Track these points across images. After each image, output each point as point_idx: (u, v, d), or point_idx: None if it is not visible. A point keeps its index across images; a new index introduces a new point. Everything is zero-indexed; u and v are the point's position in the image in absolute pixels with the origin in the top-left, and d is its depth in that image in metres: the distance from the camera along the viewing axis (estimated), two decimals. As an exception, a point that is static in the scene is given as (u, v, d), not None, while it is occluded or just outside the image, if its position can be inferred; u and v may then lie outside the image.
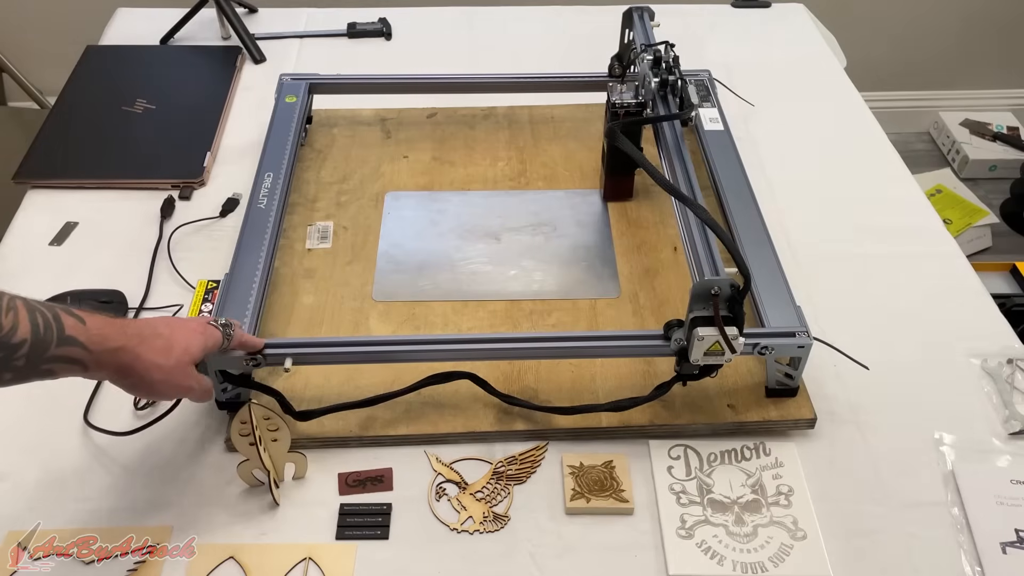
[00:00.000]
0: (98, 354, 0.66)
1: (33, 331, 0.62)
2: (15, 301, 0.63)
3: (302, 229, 1.08)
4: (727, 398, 0.89)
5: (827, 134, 1.27)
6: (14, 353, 0.62)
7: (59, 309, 0.65)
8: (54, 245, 1.06)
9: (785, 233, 1.08)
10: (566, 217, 1.11)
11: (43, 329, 0.63)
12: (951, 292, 1.03)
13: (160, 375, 0.70)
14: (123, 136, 1.22)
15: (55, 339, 0.64)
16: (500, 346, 0.87)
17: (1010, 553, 0.78)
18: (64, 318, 0.65)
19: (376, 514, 0.80)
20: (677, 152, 1.01)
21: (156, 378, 0.70)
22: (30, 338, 0.62)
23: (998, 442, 0.87)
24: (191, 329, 0.74)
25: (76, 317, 0.66)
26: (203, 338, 0.74)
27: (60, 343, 0.64)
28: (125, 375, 0.69)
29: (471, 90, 1.25)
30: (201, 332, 0.74)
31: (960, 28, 2.38)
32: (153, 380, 0.70)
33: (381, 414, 0.87)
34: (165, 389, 0.73)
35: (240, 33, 1.41)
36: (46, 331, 0.63)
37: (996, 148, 2.45)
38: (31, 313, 0.63)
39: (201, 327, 0.75)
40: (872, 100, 1.36)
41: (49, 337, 0.63)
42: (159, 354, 0.70)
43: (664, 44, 1.09)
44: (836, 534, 0.79)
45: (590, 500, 0.81)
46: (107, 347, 0.67)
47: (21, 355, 0.62)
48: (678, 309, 0.97)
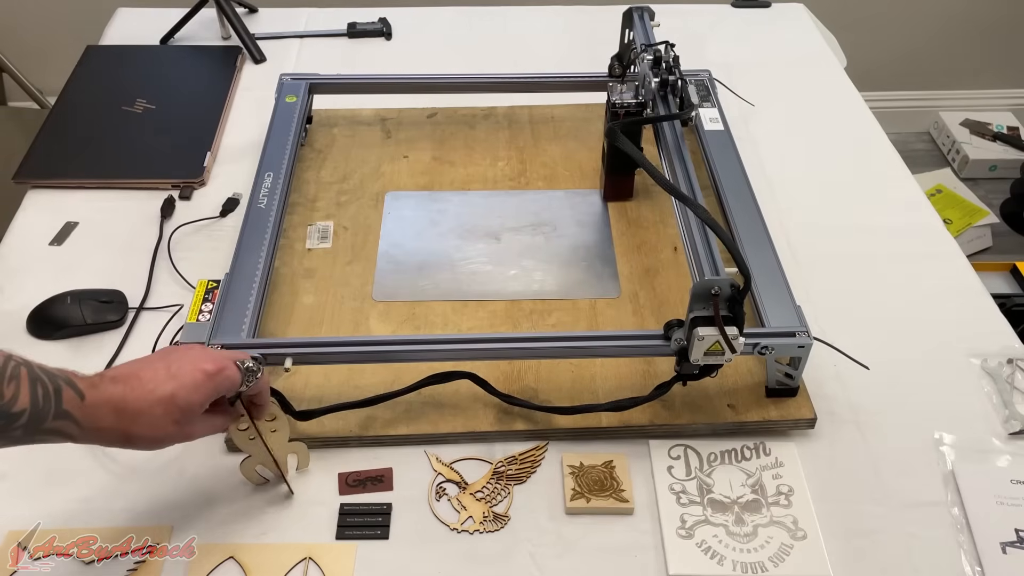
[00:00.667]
0: (88, 432, 0.65)
1: (32, 402, 0.62)
2: (20, 369, 0.62)
3: (302, 229, 1.08)
4: (727, 398, 0.89)
5: (827, 134, 1.27)
6: (13, 423, 0.61)
7: (62, 380, 0.64)
8: (54, 245, 1.06)
9: (785, 233, 1.08)
10: (566, 217, 1.11)
11: (42, 401, 0.62)
12: (951, 292, 1.03)
13: (156, 445, 0.69)
14: (123, 136, 1.22)
15: (52, 412, 0.63)
16: (500, 346, 0.87)
17: (1010, 553, 0.78)
18: (64, 392, 0.64)
19: (376, 514, 0.80)
20: (677, 152, 1.01)
21: (152, 447, 0.69)
22: (29, 409, 0.61)
23: (998, 442, 0.87)
24: (196, 382, 0.69)
25: (77, 392, 0.64)
26: (210, 385, 0.69)
27: (56, 416, 0.63)
28: (120, 445, 0.68)
29: (471, 90, 1.25)
30: (210, 378, 0.69)
31: (960, 28, 2.38)
32: (150, 448, 0.69)
33: (381, 414, 0.87)
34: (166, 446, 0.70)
35: (240, 33, 1.41)
36: (44, 403, 0.62)
37: (996, 148, 2.46)
38: (32, 384, 0.62)
39: (215, 369, 0.70)
40: (872, 100, 1.36)
41: (47, 409, 0.62)
42: (153, 428, 0.67)
43: (664, 44, 1.09)
44: (836, 534, 0.79)
45: (590, 500, 0.81)
46: (98, 427, 0.65)
47: (19, 425, 0.61)
48: (678, 309, 0.97)
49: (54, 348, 0.94)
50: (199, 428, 0.72)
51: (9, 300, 0.99)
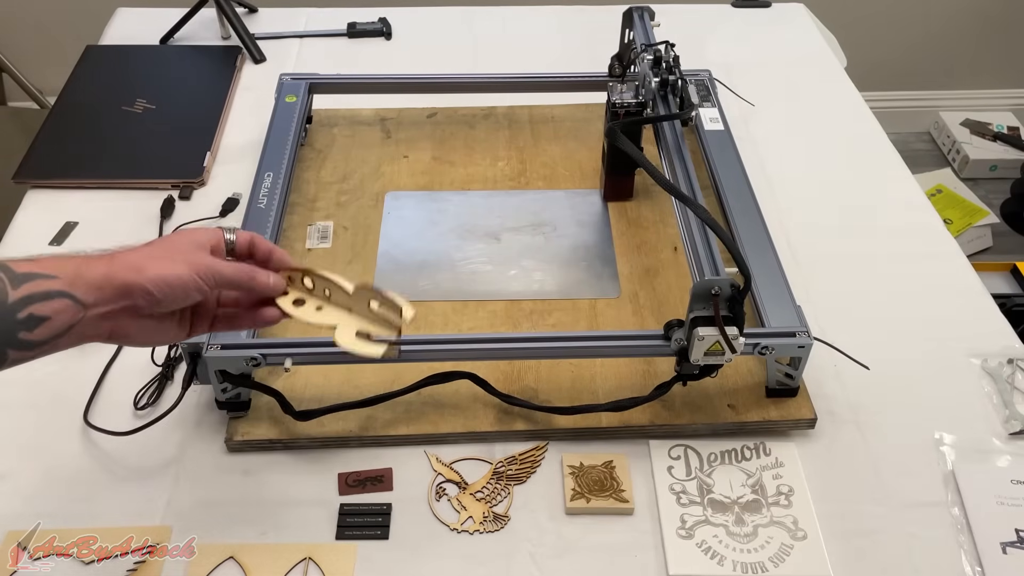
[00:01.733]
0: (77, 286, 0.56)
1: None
2: None
3: (302, 229, 1.08)
4: (727, 398, 0.89)
5: (827, 134, 1.27)
6: None
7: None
8: (54, 245, 1.06)
9: (785, 233, 1.08)
10: (566, 217, 1.11)
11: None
12: (951, 292, 1.03)
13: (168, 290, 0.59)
14: (123, 136, 1.22)
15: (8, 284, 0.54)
16: (500, 346, 0.87)
17: (1010, 553, 0.78)
18: (11, 264, 0.56)
19: (376, 514, 0.80)
20: (677, 152, 1.01)
21: (162, 303, 0.59)
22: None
23: (998, 442, 0.87)
24: (181, 233, 0.63)
25: (27, 260, 0.56)
26: (204, 233, 0.64)
27: (17, 283, 0.55)
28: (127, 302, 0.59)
29: (471, 90, 1.25)
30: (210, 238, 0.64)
31: (960, 28, 2.39)
32: (159, 307, 0.59)
33: (381, 414, 0.87)
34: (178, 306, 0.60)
35: (240, 33, 1.41)
36: None
37: (996, 148, 2.46)
38: None
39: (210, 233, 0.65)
40: (872, 100, 1.36)
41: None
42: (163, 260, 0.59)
43: (664, 44, 1.09)
44: (836, 534, 0.79)
45: (590, 500, 0.81)
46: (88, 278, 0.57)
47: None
48: (678, 309, 0.97)
49: (54, 348, 0.94)
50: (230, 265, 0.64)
51: (9, 300, 0.99)
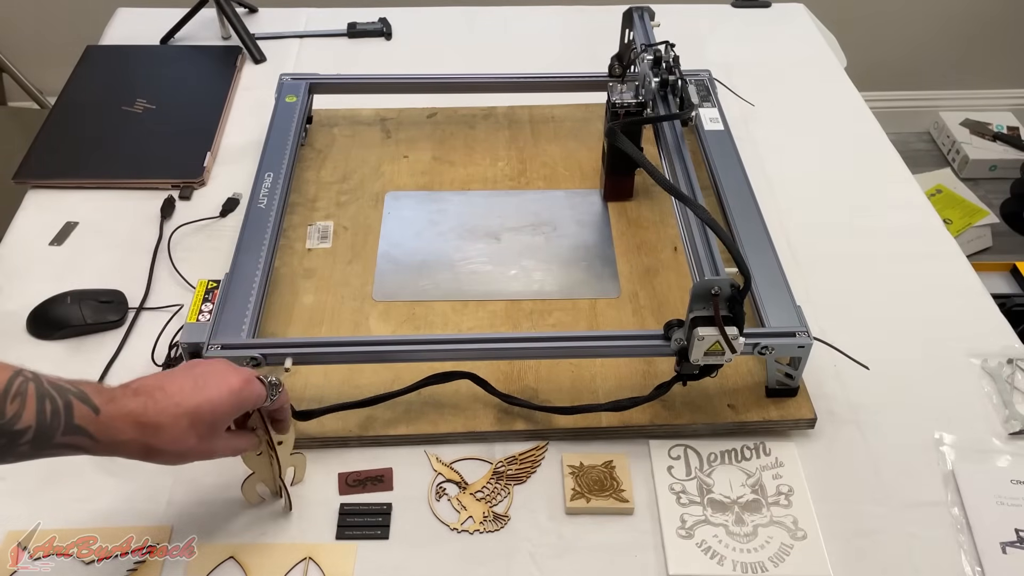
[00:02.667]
0: (106, 444, 0.63)
1: (39, 419, 0.60)
2: (27, 385, 0.60)
3: (302, 229, 1.08)
4: (727, 398, 0.89)
5: (827, 134, 1.27)
6: (17, 440, 0.59)
7: (74, 395, 0.62)
8: (54, 245, 1.06)
9: (785, 233, 1.08)
10: (566, 217, 1.11)
11: (50, 417, 0.60)
12: (951, 292, 1.03)
13: (178, 459, 0.67)
14: (123, 136, 1.22)
15: (62, 427, 0.61)
16: (500, 346, 0.87)
17: (1010, 553, 0.78)
18: (76, 407, 0.62)
19: (376, 514, 0.80)
20: (677, 152, 1.01)
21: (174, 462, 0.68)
22: (35, 426, 0.60)
23: (998, 442, 0.87)
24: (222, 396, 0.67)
25: (91, 407, 0.62)
26: (236, 400, 0.68)
27: (67, 432, 0.61)
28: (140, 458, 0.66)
29: (471, 90, 1.25)
30: (236, 392, 0.68)
31: (960, 28, 2.39)
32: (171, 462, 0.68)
33: (381, 414, 0.87)
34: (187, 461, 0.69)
35: (240, 33, 1.41)
36: (53, 419, 0.61)
37: (996, 148, 2.46)
38: (40, 400, 0.60)
39: (242, 383, 0.69)
40: (872, 100, 1.36)
41: (56, 425, 0.60)
42: (176, 442, 0.65)
43: (664, 44, 1.09)
44: (836, 534, 0.79)
45: (590, 500, 0.81)
46: (116, 440, 0.63)
47: (24, 442, 0.60)
48: (678, 309, 0.97)
49: (54, 348, 0.94)
50: (221, 446, 0.70)
51: (9, 300, 0.99)
